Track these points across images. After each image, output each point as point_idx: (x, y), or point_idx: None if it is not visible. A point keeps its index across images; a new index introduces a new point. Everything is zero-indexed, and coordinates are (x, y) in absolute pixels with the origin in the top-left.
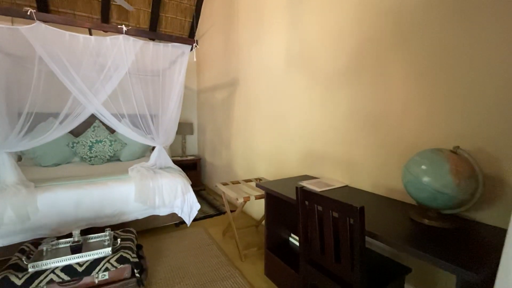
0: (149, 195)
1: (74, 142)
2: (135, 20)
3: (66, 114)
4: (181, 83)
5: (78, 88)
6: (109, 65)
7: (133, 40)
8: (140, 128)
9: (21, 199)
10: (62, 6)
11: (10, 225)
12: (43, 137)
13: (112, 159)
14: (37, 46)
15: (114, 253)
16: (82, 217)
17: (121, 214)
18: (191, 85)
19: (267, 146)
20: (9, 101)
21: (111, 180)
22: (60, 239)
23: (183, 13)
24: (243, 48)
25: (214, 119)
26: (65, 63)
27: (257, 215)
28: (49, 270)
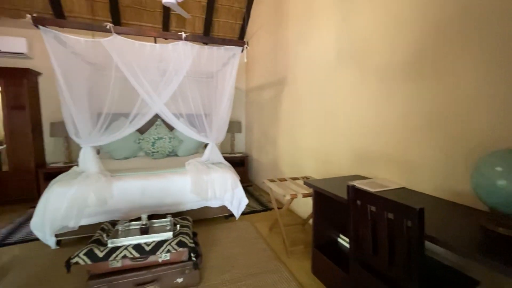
0: (202, 187)
1: (140, 139)
2: (191, 26)
3: (135, 113)
4: (232, 83)
5: (145, 91)
6: (170, 69)
7: (191, 45)
8: (195, 126)
9: (101, 186)
10: (131, 19)
11: (92, 208)
12: (117, 134)
13: (171, 154)
14: (114, 55)
15: (174, 237)
16: (147, 204)
17: (179, 204)
18: (240, 85)
19: (314, 144)
20: (91, 103)
21: (171, 173)
22: (131, 221)
23: (233, 17)
24: (291, 46)
25: (261, 117)
26: (135, 69)
27: (304, 214)
28: (123, 246)
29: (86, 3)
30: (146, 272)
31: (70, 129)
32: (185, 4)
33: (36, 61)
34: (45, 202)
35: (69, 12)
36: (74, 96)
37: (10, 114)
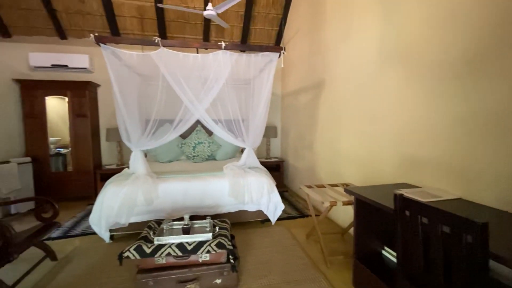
0: (239, 191)
1: (182, 143)
2: (229, 35)
3: (179, 120)
4: (269, 89)
5: (188, 98)
6: (211, 77)
7: (230, 54)
8: (233, 131)
9: (148, 187)
10: (176, 32)
11: (140, 207)
12: (163, 139)
13: (209, 158)
14: (161, 66)
15: (213, 239)
16: (188, 205)
17: (217, 206)
18: (275, 90)
19: (355, 149)
20: (140, 111)
21: (210, 176)
22: (174, 221)
23: (270, 23)
24: (330, 49)
25: (297, 122)
26: (179, 78)
27: (343, 222)
28: (168, 244)
29: (137, 20)
30: (188, 271)
31: (123, 134)
32: (224, 14)
33: (96, 75)
34: (101, 200)
35: (123, 30)
36: (127, 104)
37: (74, 121)
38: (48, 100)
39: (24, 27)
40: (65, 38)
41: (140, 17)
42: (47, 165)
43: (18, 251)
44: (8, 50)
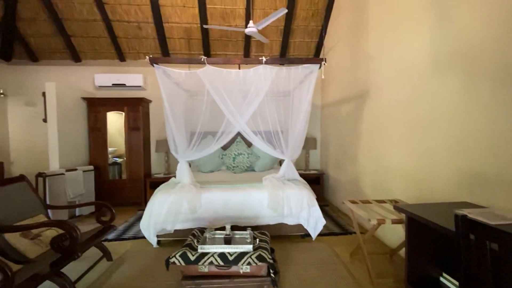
0: (279, 203)
1: (223, 154)
2: (269, 50)
3: (221, 132)
4: (309, 100)
5: (230, 111)
6: (252, 91)
7: (270, 68)
8: (272, 143)
9: (192, 195)
10: (218, 49)
11: (185, 214)
12: (207, 150)
13: (248, 169)
14: (206, 82)
15: (254, 251)
16: (229, 215)
17: (257, 218)
18: (315, 100)
19: (404, 163)
20: (186, 124)
21: (249, 187)
22: (216, 230)
23: (309, 35)
24: (374, 57)
25: (338, 133)
26: (222, 93)
27: (391, 243)
28: (210, 253)
29: (184, 41)
30: (229, 281)
31: (171, 146)
32: (263, 30)
33: (148, 92)
34: (151, 207)
35: (172, 50)
36: (175, 118)
37: (129, 134)
38: (108, 115)
39: (91, 52)
40: (123, 60)
41: (187, 37)
42: (106, 173)
43: (82, 250)
44: (78, 73)
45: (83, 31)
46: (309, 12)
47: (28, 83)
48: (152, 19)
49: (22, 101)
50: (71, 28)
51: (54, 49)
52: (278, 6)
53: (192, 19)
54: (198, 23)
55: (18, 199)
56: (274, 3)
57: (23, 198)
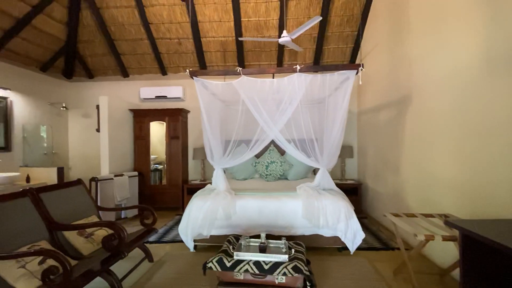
0: (314, 213)
1: (256, 162)
2: (302, 58)
3: (255, 140)
4: (345, 107)
5: (264, 120)
6: (285, 99)
7: (304, 76)
8: (307, 151)
9: (227, 202)
10: (252, 60)
11: (220, 221)
12: (241, 158)
13: (281, 177)
14: (241, 92)
15: (289, 261)
16: (263, 223)
17: (291, 227)
18: (351, 107)
19: (455, 173)
20: (221, 133)
21: (283, 196)
22: (251, 238)
23: (344, 41)
24: (415, 61)
25: (377, 141)
26: (257, 102)
27: (441, 261)
28: (246, 261)
29: (220, 54)
30: None
31: (208, 153)
32: (297, 38)
33: (187, 102)
34: (189, 212)
35: (209, 63)
36: (212, 127)
37: (170, 142)
38: (151, 124)
39: (138, 68)
40: (165, 74)
41: (223, 50)
42: (148, 178)
43: (128, 250)
44: (126, 87)
45: (131, 50)
46: (343, 18)
47: (85, 97)
48: (191, 35)
49: (80, 113)
50: (121, 47)
51: (106, 67)
52: (312, 15)
53: (227, 33)
54: (233, 36)
55: (75, 201)
56: (307, 12)
57: (80, 200)
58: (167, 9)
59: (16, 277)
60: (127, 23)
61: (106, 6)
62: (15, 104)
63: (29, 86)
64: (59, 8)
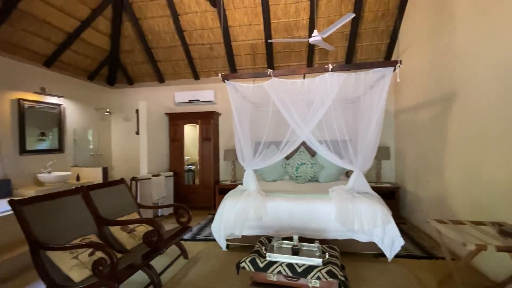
0: (348, 217)
1: (286, 164)
2: (333, 57)
3: (286, 141)
4: (381, 106)
5: (295, 121)
6: (317, 100)
7: (337, 75)
8: (340, 153)
9: (258, 203)
10: (282, 61)
11: (252, 221)
12: (272, 159)
13: (312, 179)
14: (272, 94)
15: (323, 265)
16: (294, 225)
17: (323, 231)
18: (387, 106)
19: (509, 176)
20: (251, 134)
21: (315, 198)
22: (283, 239)
23: (379, 37)
24: (462, 54)
25: (417, 142)
26: (287, 103)
27: (494, 274)
28: (279, 263)
29: (250, 57)
30: None
31: (239, 155)
32: (328, 37)
33: (218, 105)
34: (221, 211)
35: (239, 66)
36: (242, 129)
37: (202, 144)
38: (185, 127)
39: (172, 73)
40: (198, 79)
41: (253, 53)
42: (182, 178)
43: (166, 246)
44: (162, 92)
45: (167, 56)
46: (378, 14)
47: (125, 103)
48: (222, 40)
49: (121, 118)
50: (158, 55)
51: (144, 74)
52: (344, 12)
53: (257, 36)
54: (263, 39)
55: (119, 198)
56: (339, 10)
57: (123, 198)
58: (199, 16)
59: (70, 266)
60: (162, 32)
61: (144, 17)
62: (67, 110)
63: (78, 94)
64: (104, 21)
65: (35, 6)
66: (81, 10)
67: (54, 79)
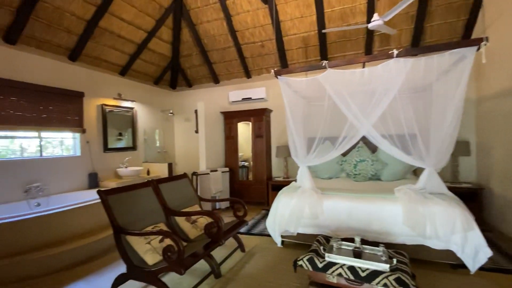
0: (418, 221)
1: (342, 161)
2: (396, 42)
3: (343, 137)
4: (461, 94)
5: (353, 114)
6: (380, 90)
7: (403, 61)
8: (407, 148)
9: (313, 201)
10: (336, 52)
11: (307, 219)
12: (327, 156)
13: (373, 177)
14: (327, 87)
15: (391, 272)
16: (353, 226)
17: (388, 234)
18: (466, 93)
19: None
20: (304, 130)
21: (377, 198)
22: (343, 240)
23: (454, 14)
24: None
25: (507, 135)
26: (345, 95)
27: None
28: (339, 264)
29: (302, 50)
30: None
31: (292, 151)
32: (389, 21)
33: (270, 102)
34: (276, 208)
35: (290, 61)
36: (296, 125)
37: (255, 141)
38: (239, 125)
39: (226, 74)
40: (250, 77)
41: (305, 46)
42: (237, 174)
43: (225, 238)
44: (217, 92)
45: (221, 58)
46: None
47: (185, 104)
48: (274, 35)
49: (182, 118)
50: (213, 57)
51: (201, 76)
52: None
53: (309, 27)
54: (316, 30)
55: (182, 191)
56: None
57: (185, 191)
58: (251, 14)
59: (144, 250)
60: (217, 34)
61: (200, 22)
62: (138, 112)
63: (147, 98)
64: (166, 30)
65: (112, 23)
66: (147, 22)
67: (128, 86)
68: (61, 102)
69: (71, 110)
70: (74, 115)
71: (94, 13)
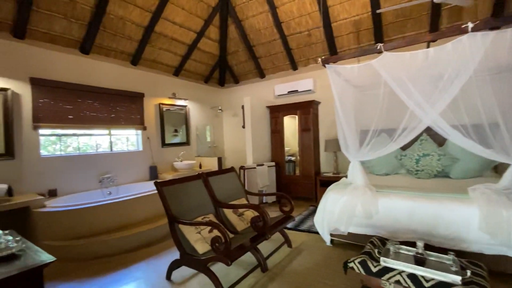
0: (500, 227)
1: (402, 155)
2: (470, 15)
3: (403, 128)
4: None
5: (415, 103)
6: (449, 72)
7: (481, 35)
8: (486, 140)
9: (367, 199)
10: (393, 33)
11: (359, 218)
12: (383, 150)
13: (439, 174)
14: (383, 73)
15: (464, 285)
16: (414, 229)
17: (459, 240)
18: None
19: None
20: (356, 122)
21: (446, 198)
22: (401, 244)
23: None
24: None
25: None
26: (405, 81)
27: None
28: (397, 271)
29: (353, 35)
30: None
31: (342, 145)
32: None
33: (317, 94)
34: (324, 204)
35: (340, 48)
36: (346, 116)
37: (301, 135)
38: (285, 119)
39: (272, 68)
40: (296, 69)
41: (356, 31)
42: (283, 169)
43: (271, 233)
44: (263, 87)
45: (266, 52)
46: None
47: (233, 100)
48: (321, 23)
49: (230, 114)
50: (259, 52)
51: (248, 71)
52: None
53: (361, 10)
54: (369, 11)
55: (230, 184)
56: None
57: (233, 184)
58: (296, 3)
59: (195, 239)
60: (262, 28)
61: (246, 17)
62: (190, 110)
63: (198, 96)
64: (214, 29)
65: (165, 27)
66: (196, 23)
67: (181, 85)
68: (126, 103)
69: (134, 110)
70: (136, 114)
71: (150, 20)
